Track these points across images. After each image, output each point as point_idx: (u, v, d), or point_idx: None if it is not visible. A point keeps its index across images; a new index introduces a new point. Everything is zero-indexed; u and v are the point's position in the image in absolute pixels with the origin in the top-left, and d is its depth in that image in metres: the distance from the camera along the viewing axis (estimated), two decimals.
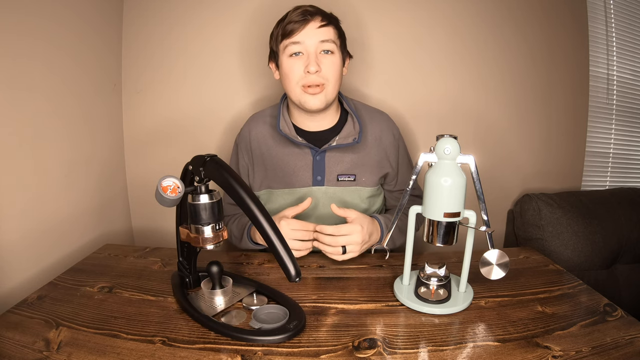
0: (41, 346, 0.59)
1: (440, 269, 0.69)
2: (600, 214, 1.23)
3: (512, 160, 1.39)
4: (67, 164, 1.02)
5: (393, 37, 1.28)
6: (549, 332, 0.61)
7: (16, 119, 0.85)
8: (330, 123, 0.99)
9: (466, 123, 1.35)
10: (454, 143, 0.64)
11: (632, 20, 1.47)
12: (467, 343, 0.59)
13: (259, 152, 1.00)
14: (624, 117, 1.50)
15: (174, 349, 0.58)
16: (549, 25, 1.32)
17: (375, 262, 0.87)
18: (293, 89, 0.91)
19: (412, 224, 0.71)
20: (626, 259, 1.24)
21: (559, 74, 1.35)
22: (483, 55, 1.31)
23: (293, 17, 0.87)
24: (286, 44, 0.89)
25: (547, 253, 1.18)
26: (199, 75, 1.29)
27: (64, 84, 1.00)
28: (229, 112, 1.31)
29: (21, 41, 0.86)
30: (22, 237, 0.87)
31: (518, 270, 0.82)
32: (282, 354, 0.57)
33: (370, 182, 0.98)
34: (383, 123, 1.01)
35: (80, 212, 1.07)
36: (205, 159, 0.62)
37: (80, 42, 1.06)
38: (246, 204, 0.56)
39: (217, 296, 0.71)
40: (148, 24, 1.26)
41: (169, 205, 0.62)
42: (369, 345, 0.59)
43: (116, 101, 1.27)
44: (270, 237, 0.55)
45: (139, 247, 0.97)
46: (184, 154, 0.75)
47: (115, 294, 0.74)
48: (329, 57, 0.89)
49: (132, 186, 1.35)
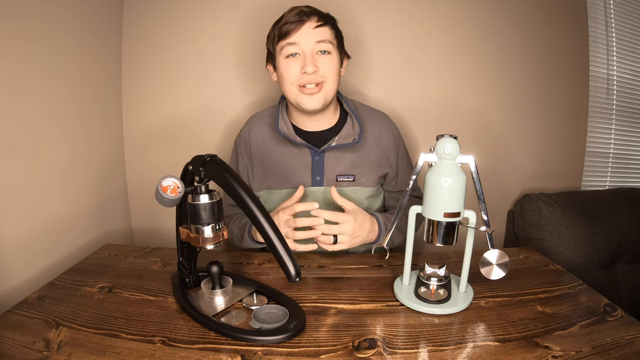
0: (41, 346, 0.59)
1: (440, 269, 0.69)
2: (600, 214, 1.23)
3: (512, 160, 1.39)
4: (67, 164, 1.02)
5: (392, 37, 1.28)
6: (549, 332, 0.61)
7: (16, 119, 0.85)
8: (329, 123, 0.99)
9: (466, 123, 1.35)
10: (454, 143, 0.64)
11: (632, 20, 1.47)
12: (467, 343, 0.59)
13: (258, 153, 1.00)
14: (624, 117, 1.50)
15: (174, 349, 0.58)
16: (548, 26, 1.32)
17: (375, 262, 0.87)
18: (289, 90, 0.91)
19: (412, 224, 0.71)
20: (626, 259, 1.24)
21: (559, 74, 1.35)
22: (483, 55, 1.31)
23: (289, 18, 0.87)
24: (282, 45, 0.89)
25: (547, 253, 1.18)
26: (199, 76, 1.29)
27: (64, 84, 1.00)
28: (228, 112, 1.31)
29: (21, 43, 0.86)
30: (22, 237, 0.87)
31: (518, 270, 0.82)
32: (282, 354, 0.57)
33: (370, 182, 0.98)
34: (383, 123, 1.01)
35: (80, 212, 1.07)
36: (205, 159, 0.62)
37: (81, 44, 1.06)
38: (246, 204, 0.56)
39: (217, 296, 0.71)
40: (148, 26, 1.26)
41: (168, 205, 0.62)
42: (369, 345, 0.59)
43: (116, 101, 1.27)
44: (270, 237, 0.55)
45: (139, 247, 0.97)
46: (184, 153, 0.75)
47: (115, 294, 0.74)
48: (325, 57, 0.89)
49: (132, 186, 1.35)
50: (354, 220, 0.84)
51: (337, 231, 0.84)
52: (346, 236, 0.85)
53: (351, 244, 0.86)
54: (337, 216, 0.84)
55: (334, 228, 0.84)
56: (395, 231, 0.93)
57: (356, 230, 0.85)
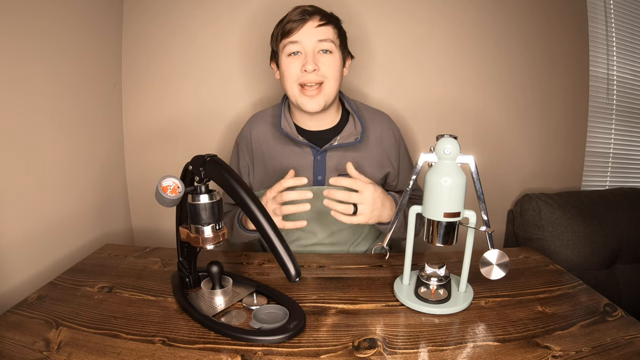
0: (41, 346, 0.59)
1: (440, 269, 0.69)
2: (600, 214, 1.23)
3: (512, 160, 1.39)
4: (67, 164, 1.02)
5: (393, 37, 1.28)
6: (549, 332, 0.61)
7: (16, 119, 0.85)
8: (331, 123, 0.99)
9: (466, 123, 1.35)
10: (454, 143, 0.64)
11: (632, 20, 1.47)
12: (467, 343, 0.59)
13: (259, 152, 1.00)
14: (624, 117, 1.50)
15: (174, 349, 0.58)
16: (548, 26, 1.32)
17: (375, 262, 0.87)
18: (290, 88, 0.91)
19: (412, 223, 0.71)
20: (626, 259, 1.24)
21: (559, 74, 1.35)
22: (483, 55, 1.31)
23: (292, 16, 0.88)
24: (285, 43, 0.89)
25: (547, 253, 1.18)
26: (200, 75, 1.29)
27: (64, 84, 1.00)
28: (229, 112, 1.31)
29: (21, 42, 0.86)
30: (22, 237, 0.87)
31: (518, 270, 0.82)
32: (282, 354, 0.57)
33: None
34: (384, 123, 1.01)
35: (80, 212, 1.07)
36: (205, 159, 0.62)
37: (81, 43, 1.06)
38: (246, 204, 0.56)
39: (217, 296, 0.71)
40: (148, 25, 1.26)
41: (168, 205, 0.62)
42: (369, 345, 0.59)
43: (116, 101, 1.27)
44: (270, 237, 0.55)
45: (139, 247, 0.97)
46: (184, 154, 0.75)
47: (115, 294, 0.74)
48: (327, 56, 0.89)
49: (132, 186, 1.35)
50: (374, 189, 0.80)
51: (358, 200, 0.79)
52: (367, 205, 0.80)
53: (370, 217, 0.81)
54: (356, 183, 0.79)
55: (354, 196, 0.79)
56: (395, 230, 0.93)
57: (375, 201, 0.81)
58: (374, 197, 0.80)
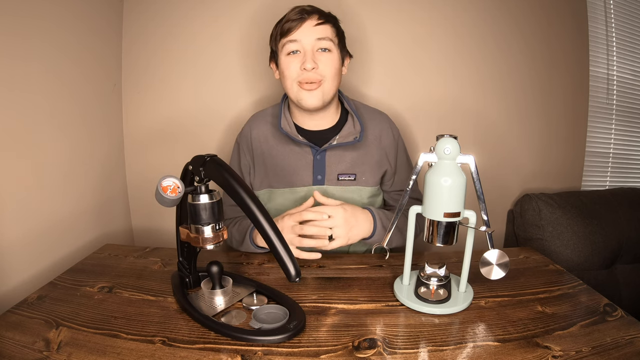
0: (41, 346, 0.59)
1: (440, 269, 0.69)
2: (600, 214, 1.23)
3: (512, 160, 1.39)
4: (67, 164, 1.02)
5: (393, 37, 1.28)
6: (549, 332, 0.61)
7: (16, 119, 0.85)
8: (330, 122, 0.99)
9: (466, 123, 1.35)
10: (454, 143, 0.64)
11: (632, 20, 1.47)
12: (467, 343, 0.59)
13: (259, 151, 1.00)
14: (624, 117, 1.50)
15: (174, 349, 0.58)
16: (549, 25, 1.32)
17: (375, 262, 0.87)
18: (290, 87, 0.91)
19: (412, 223, 0.71)
20: (626, 259, 1.24)
21: (559, 74, 1.35)
22: (483, 55, 1.31)
23: (290, 16, 0.89)
24: (284, 42, 0.90)
25: (547, 253, 1.18)
26: (200, 75, 1.29)
27: (64, 83, 1.00)
28: (229, 112, 1.31)
29: (21, 42, 0.86)
30: (22, 237, 0.87)
31: (518, 270, 0.82)
32: (282, 354, 0.57)
33: (371, 181, 0.98)
34: (383, 123, 1.02)
35: (80, 212, 1.07)
36: (205, 159, 0.62)
37: (81, 42, 1.06)
38: (246, 204, 0.56)
39: (217, 296, 0.71)
40: (148, 25, 1.26)
41: (168, 205, 0.62)
42: (369, 345, 0.59)
43: (116, 101, 1.27)
44: (270, 237, 0.56)
45: (139, 247, 0.97)
46: (184, 154, 0.75)
47: (115, 294, 0.74)
48: (326, 54, 0.90)
49: (132, 186, 1.35)
50: (343, 210, 0.84)
51: (330, 224, 0.83)
52: (340, 228, 0.83)
53: (348, 237, 0.85)
54: (325, 209, 0.83)
55: (326, 222, 0.83)
56: (395, 232, 0.93)
57: (349, 220, 0.84)
58: (345, 217, 0.84)
